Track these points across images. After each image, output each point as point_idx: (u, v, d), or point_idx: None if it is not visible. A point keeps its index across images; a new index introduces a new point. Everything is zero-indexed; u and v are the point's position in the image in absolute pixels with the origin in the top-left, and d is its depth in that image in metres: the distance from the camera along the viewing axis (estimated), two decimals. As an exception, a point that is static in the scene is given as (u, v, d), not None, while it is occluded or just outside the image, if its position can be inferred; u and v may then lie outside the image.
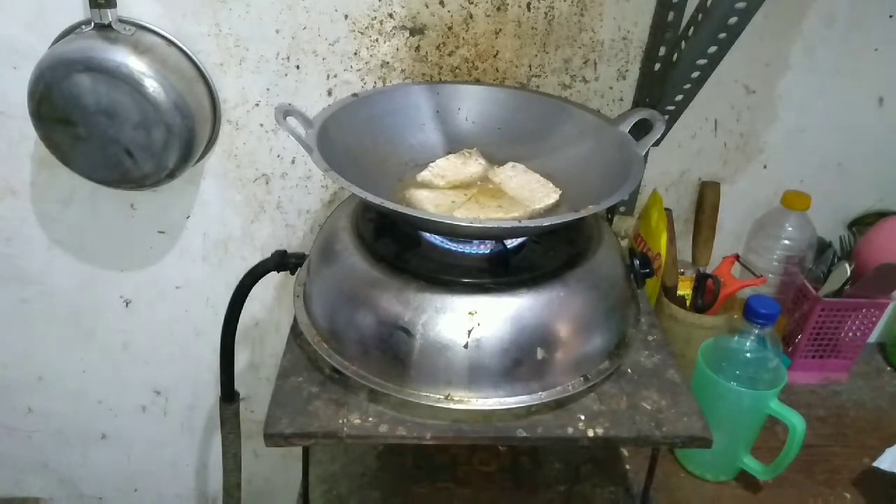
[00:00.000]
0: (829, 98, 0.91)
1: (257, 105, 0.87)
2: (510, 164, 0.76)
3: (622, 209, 0.96)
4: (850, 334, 0.94)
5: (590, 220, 0.71)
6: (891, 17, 0.86)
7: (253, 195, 0.94)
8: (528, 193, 0.71)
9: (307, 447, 0.72)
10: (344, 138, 0.69)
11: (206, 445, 1.19)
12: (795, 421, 0.71)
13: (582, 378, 0.62)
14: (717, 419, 0.68)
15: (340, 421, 0.60)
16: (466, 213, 0.68)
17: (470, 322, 0.58)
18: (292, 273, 0.74)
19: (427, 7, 0.81)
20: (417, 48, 0.84)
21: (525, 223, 0.58)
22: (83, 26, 0.77)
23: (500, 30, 0.83)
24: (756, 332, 0.74)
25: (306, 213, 0.96)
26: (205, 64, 0.83)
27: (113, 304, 1.03)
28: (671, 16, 0.80)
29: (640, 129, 0.70)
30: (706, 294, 0.89)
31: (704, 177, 0.96)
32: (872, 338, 1.00)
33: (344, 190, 0.78)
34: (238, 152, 0.90)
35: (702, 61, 0.72)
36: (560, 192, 0.72)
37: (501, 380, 0.59)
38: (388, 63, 0.85)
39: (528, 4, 0.82)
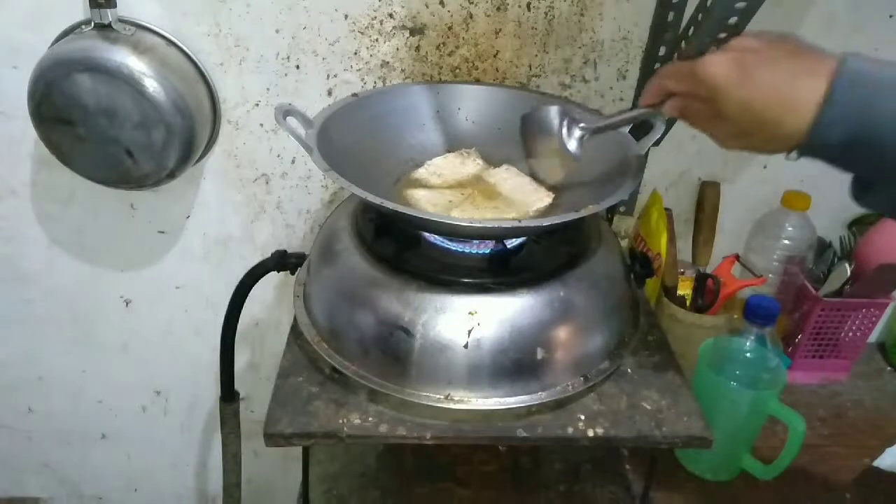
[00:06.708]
0: (829, 98, 0.91)
1: (257, 105, 0.87)
2: (504, 166, 0.76)
3: (622, 209, 0.96)
4: (850, 334, 0.94)
5: (590, 220, 0.70)
6: (891, 17, 0.86)
7: (253, 195, 0.94)
8: (521, 196, 0.71)
9: (307, 447, 0.72)
10: (344, 138, 0.69)
11: (206, 445, 1.19)
12: (795, 421, 0.71)
13: (582, 378, 0.62)
14: (717, 419, 0.68)
15: (340, 421, 0.60)
16: (463, 213, 0.68)
17: (470, 322, 0.58)
18: (292, 273, 0.74)
19: (427, 7, 0.81)
20: (417, 48, 0.84)
21: (525, 223, 0.58)
22: (83, 26, 0.77)
23: (500, 30, 0.83)
24: (756, 332, 0.74)
25: (306, 213, 0.95)
26: (205, 64, 0.83)
27: (113, 304, 1.03)
28: (671, 16, 0.80)
29: (640, 129, 0.70)
30: (706, 294, 0.88)
31: (704, 177, 0.96)
32: (872, 338, 1.01)
33: (344, 190, 0.78)
34: (238, 152, 0.90)
35: (702, 61, 0.72)
36: (552, 195, 0.71)
37: (501, 380, 0.59)
38: (388, 63, 0.85)
39: (528, 4, 0.82)
